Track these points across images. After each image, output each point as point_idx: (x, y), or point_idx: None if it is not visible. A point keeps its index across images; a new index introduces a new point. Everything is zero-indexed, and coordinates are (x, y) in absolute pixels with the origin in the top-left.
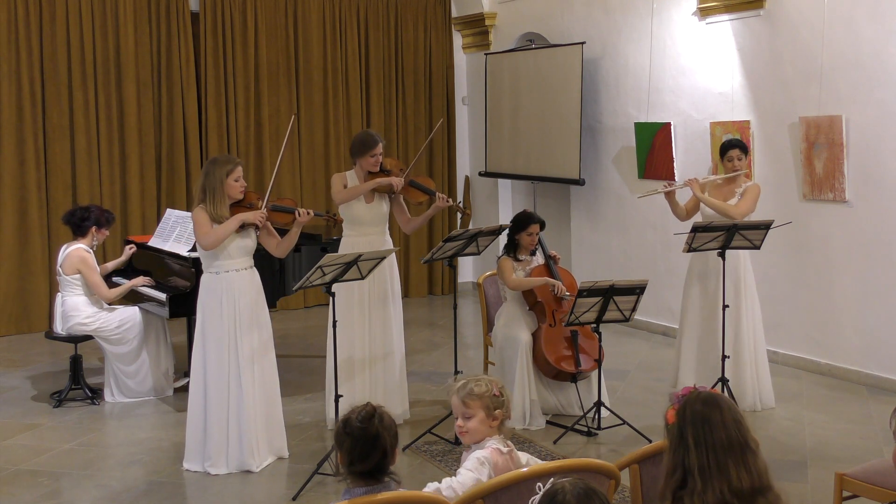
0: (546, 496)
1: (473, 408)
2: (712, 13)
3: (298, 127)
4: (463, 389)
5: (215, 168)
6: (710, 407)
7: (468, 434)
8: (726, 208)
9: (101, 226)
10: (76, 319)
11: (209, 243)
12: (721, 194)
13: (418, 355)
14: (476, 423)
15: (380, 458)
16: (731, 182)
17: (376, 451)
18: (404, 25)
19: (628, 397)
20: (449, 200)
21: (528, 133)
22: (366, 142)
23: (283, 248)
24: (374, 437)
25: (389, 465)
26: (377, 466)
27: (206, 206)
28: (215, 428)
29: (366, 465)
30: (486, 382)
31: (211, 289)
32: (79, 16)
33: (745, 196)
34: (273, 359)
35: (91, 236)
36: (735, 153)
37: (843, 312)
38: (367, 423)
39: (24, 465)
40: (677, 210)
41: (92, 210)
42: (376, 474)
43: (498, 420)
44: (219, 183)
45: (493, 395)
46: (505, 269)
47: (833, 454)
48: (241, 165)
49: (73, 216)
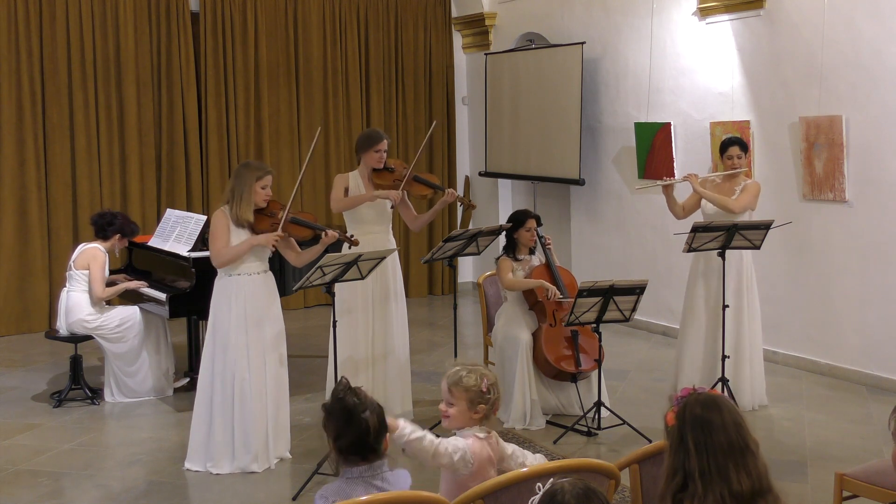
0: (545, 496)
1: (457, 397)
2: (712, 13)
3: (298, 127)
4: (453, 377)
5: (247, 172)
6: (710, 410)
7: (448, 420)
8: (725, 201)
9: (125, 235)
10: (78, 315)
11: (220, 263)
12: (721, 192)
13: (418, 355)
14: (456, 412)
15: (362, 431)
16: (730, 180)
17: (354, 421)
18: (404, 25)
19: (628, 397)
20: (455, 193)
21: (528, 133)
22: (371, 137)
23: (302, 259)
24: (351, 409)
25: (377, 444)
26: (361, 442)
27: (231, 207)
28: (220, 429)
29: (348, 438)
30: (478, 376)
31: (224, 291)
32: (79, 16)
33: (745, 191)
34: (284, 363)
35: (113, 242)
36: (735, 151)
37: (843, 312)
38: (340, 395)
39: (24, 465)
40: (675, 208)
41: (119, 217)
42: (363, 452)
43: (480, 414)
44: (247, 187)
45: (479, 391)
46: (502, 269)
47: (833, 454)
48: (271, 175)
49: (101, 218)
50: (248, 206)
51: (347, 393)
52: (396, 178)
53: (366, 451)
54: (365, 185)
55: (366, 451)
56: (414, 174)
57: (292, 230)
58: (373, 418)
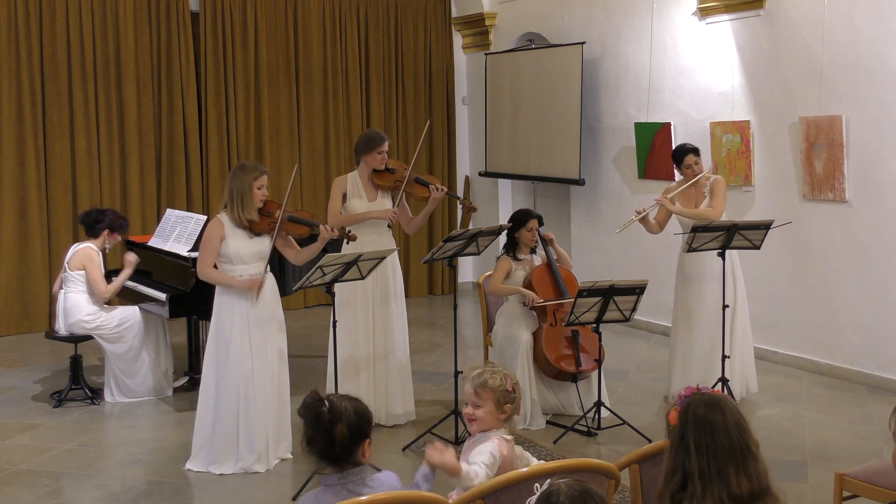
0: (542, 497)
1: (484, 399)
2: (712, 13)
3: (298, 127)
4: (478, 379)
5: (242, 174)
6: (712, 410)
7: (476, 423)
8: (704, 213)
9: (115, 230)
10: (77, 316)
11: (202, 277)
12: (691, 200)
13: (418, 355)
14: (484, 413)
15: (329, 442)
16: (695, 186)
17: (321, 431)
18: (404, 25)
19: (628, 397)
20: (444, 189)
21: (528, 133)
22: (372, 139)
23: (302, 257)
24: (318, 419)
25: (348, 454)
26: (329, 451)
27: (230, 211)
28: (224, 429)
29: (317, 447)
30: (502, 376)
31: (226, 291)
32: (79, 16)
33: (715, 194)
34: (286, 360)
35: (103, 239)
36: (691, 159)
37: (843, 312)
38: (308, 405)
39: (24, 465)
40: (651, 228)
41: (108, 213)
42: (334, 460)
43: (506, 414)
44: (247, 188)
45: (505, 390)
46: (497, 271)
47: (833, 454)
48: (267, 175)
49: (89, 217)
50: (249, 207)
51: (316, 403)
52: (397, 178)
53: (336, 461)
54: (365, 185)
55: (336, 459)
56: (415, 175)
57: (290, 228)
58: (342, 429)
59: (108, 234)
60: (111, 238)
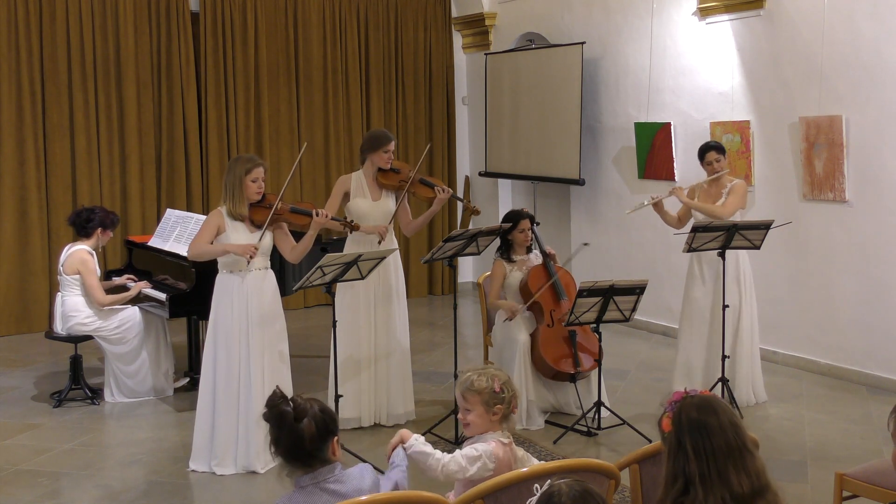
0: (543, 497)
1: (472, 402)
2: (712, 13)
3: (298, 127)
4: (465, 383)
5: (236, 166)
6: (705, 412)
7: (469, 427)
8: (713, 209)
9: (106, 227)
10: (76, 319)
11: (192, 254)
12: (710, 197)
13: (418, 355)
14: (475, 417)
15: (296, 439)
16: (716, 183)
17: (286, 429)
18: (404, 25)
19: (628, 397)
20: (448, 191)
21: (528, 133)
22: (379, 138)
23: (297, 252)
24: (282, 417)
25: (317, 451)
26: (297, 449)
27: (226, 204)
28: (223, 428)
29: (283, 446)
30: (489, 377)
31: (224, 288)
32: (79, 16)
33: (731, 194)
34: (286, 360)
35: (96, 238)
36: (712, 156)
37: (843, 312)
38: (272, 404)
39: (24, 465)
40: (669, 219)
41: (97, 211)
42: (303, 459)
43: (498, 415)
44: (238, 181)
45: (492, 392)
46: (493, 277)
47: (833, 454)
48: (261, 166)
49: (79, 217)
50: (240, 200)
51: (280, 402)
52: (402, 178)
53: (306, 459)
54: (369, 184)
55: (306, 458)
56: (419, 177)
57: (292, 219)
58: (310, 426)
59: (100, 232)
60: (104, 236)
